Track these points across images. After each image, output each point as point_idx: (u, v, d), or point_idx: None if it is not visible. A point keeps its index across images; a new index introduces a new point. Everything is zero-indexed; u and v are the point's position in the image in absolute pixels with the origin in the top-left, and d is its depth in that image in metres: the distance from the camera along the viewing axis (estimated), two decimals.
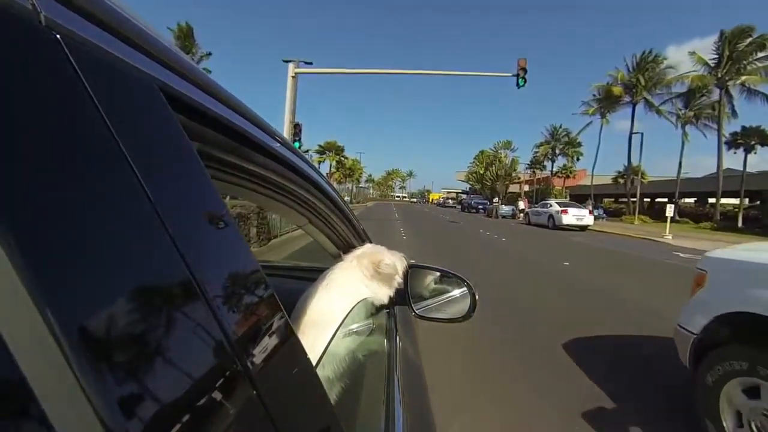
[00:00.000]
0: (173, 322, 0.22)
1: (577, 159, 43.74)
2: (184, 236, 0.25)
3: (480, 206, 34.87)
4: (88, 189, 0.20)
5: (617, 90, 30.92)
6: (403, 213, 29.28)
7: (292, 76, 11.48)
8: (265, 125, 0.52)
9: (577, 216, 17.84)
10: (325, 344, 0.66)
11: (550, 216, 18.39)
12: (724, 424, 1.80)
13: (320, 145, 49.66)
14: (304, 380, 0.37)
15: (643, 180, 29.33)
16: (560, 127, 45.92)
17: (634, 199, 28.18)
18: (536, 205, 22.23)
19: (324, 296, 0.77)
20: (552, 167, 46.00)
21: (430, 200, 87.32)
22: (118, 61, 0.25)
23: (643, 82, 29.26)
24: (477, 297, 1.02)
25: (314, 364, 0.52)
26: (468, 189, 70.40)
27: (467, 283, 1.07)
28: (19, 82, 0.19)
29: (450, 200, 65.61)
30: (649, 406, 2.40)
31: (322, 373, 0.61)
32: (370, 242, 1.03)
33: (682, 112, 28.66)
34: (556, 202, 19.37)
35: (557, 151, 44.73)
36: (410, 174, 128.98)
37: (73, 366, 0.16)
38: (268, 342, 0.31)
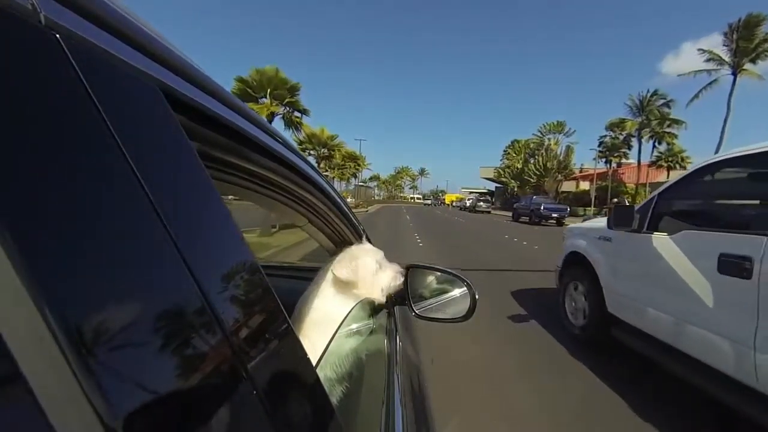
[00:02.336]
0: (173, 322, 0.22)
1: (668, 143, 29.48)
2: (184, 236, 0.25)
3: (555, 214, 20.16)
4: (88, 189, 0.20)
5: None
6: (426, 227, 16.24)
7: None
8: (265, 125, 0.52)
9: None
10: (326, 344, 0.66)
11: None
12: (566, 309, 3.64)
13: (241, 79, 19.71)
14: (304, 380, 0.37)
15: None
16: (655, 93, 28.72)
17: None
18: None
19: (324, 296, 0.77)
20: (639, 153, 30.02)
21: (448, 202, 67.55)
22: (119, 62, 0.25)
23: None
24: (477, 297, 1.02)
25: (314, 364, 0.52)
26: (496, 188, 54.43)
27: (467, 282, 1.06)
28: (19, 82, 0.19)
29: (482, 203, 38.63)
30: None
31: (322, 373, 0.61)
32: (370, 242, 1.02)
33: None
34: None
35: (642, 131, 29.77)
36: (422, 172, 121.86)
37: (73, 366, 0.16)
38: (269, 342, 0.31)
